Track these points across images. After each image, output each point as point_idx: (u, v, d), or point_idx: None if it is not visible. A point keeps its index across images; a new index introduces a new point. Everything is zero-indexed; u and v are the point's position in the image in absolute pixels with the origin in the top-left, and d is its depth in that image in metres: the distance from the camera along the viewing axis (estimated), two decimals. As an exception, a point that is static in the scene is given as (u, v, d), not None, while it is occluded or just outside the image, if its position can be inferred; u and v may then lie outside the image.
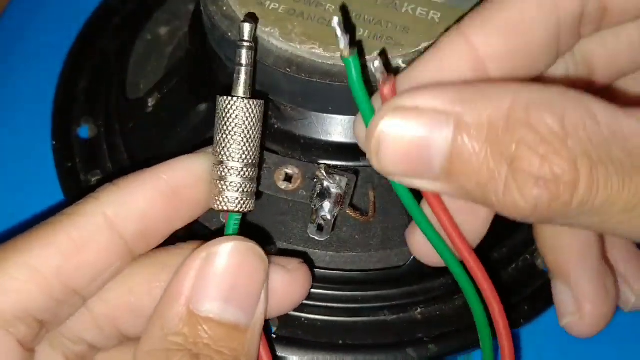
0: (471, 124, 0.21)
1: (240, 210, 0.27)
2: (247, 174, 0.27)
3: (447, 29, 0.26)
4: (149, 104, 0.37)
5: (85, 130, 0.41)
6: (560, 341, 0.35)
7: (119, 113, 0.39)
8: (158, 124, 0.36)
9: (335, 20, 0.24)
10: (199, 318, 0.24)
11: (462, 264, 0.27)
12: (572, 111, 0.21)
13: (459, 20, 0.25)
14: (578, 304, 0.30)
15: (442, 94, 0.22)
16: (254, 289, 0.26)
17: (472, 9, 0.25)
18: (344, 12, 0.31)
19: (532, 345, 0.35)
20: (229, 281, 0.25)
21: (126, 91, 0.39)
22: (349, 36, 0.24)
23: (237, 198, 0.27)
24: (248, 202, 0.27)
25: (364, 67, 0.25)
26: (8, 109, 0.43)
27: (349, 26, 0.31)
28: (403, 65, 0.30)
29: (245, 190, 0.27)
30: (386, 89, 0.24)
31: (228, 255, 0.25)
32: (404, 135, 0.22)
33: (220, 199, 0.27)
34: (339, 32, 0.24)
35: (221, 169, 0.26)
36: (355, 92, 0.24)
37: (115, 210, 0.25)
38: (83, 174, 0.39)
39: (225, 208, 0.27)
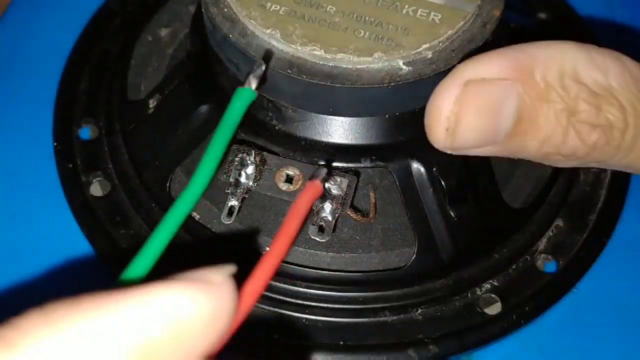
0: (533, 88, 0.23)
1: None
2: None
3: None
4: (150, 106, 0.37)
5: (86, 132, 0.41)
6: (561, 342, 0.35)
7: (120, 114, 0.39)
8: (159, 125, 0.36)
9: None
10: None
11: None
12: (613, 67, 0.24)
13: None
14: None
15: (498, 62, 0.24)
16: None
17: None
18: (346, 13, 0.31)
19: (533, 346, 0.35)
20: None
21: (127, 92, 0.39)
22: None
23: None
24: None
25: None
26: (9, 110, 0.43)
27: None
28: (404, 67, 0.30)
29: None
30: None
31: None
32: (479, 108, 0.23)
33: None
34: None
35: None
36: None
37: None
38: (84, 175, 0.39)
39: None
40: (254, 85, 0.28)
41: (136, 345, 0.17)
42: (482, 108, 0.23)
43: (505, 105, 0.23)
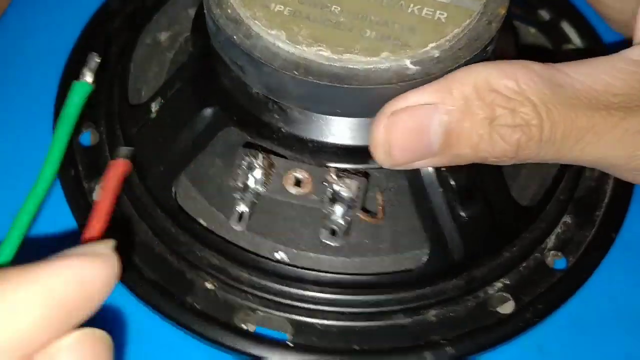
0: (453, 105, 0.27)
1: None
2: None
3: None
4: (153, 110, 0.36)
5: (87, 137, 0.40)
6: (561, 341, 0.35)
7: (121, 119, 0.39)
8: (162, 129, 0.36)
9: None
10: None
11: None
12: (522, 74, 0.27)
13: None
14: None
15: (422, 91, 0.28)
16: None
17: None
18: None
19: (533, 346, 0.35)
20: None
21: (128, 97, 0.39)
22: None
23: None
24: None
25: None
26: (9, 114, 0.43)
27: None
28: (411, 67, 0.30)
29: None
30: None
31: None
32: (406, 132, 0.28)
33: None
34: None
35: None
36: None
37: None
38: (85, 181, 0.39)
39: None
40: (89, 78, 0.32)
41: (59, 304, 0.22)
42: (409, 131, 0.28)
43: (431, 124, 0.27)
